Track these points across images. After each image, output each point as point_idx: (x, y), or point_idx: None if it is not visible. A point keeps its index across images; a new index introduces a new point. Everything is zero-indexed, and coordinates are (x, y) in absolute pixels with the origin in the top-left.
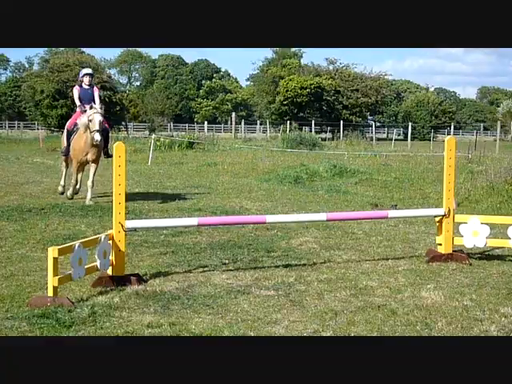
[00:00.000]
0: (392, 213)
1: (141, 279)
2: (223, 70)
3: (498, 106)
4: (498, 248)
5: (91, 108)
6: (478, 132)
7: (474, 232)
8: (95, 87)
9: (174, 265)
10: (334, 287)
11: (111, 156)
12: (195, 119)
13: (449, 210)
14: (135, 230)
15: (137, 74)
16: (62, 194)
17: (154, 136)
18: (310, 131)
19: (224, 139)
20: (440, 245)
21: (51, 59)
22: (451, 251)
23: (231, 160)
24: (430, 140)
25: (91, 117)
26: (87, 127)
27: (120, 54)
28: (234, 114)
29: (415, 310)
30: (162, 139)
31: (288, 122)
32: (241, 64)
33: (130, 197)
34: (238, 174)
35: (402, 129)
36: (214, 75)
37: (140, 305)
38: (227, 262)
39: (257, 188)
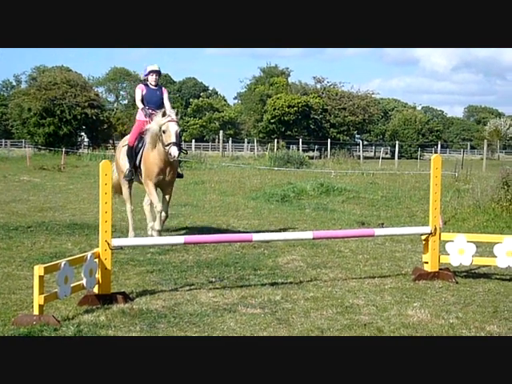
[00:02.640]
0: (378, 231)
1: (127, 297)
2: (211, 88)
3: (485, 125)
4: (484, 266)
5: (164, 115)
6: (464, 150)
7: (460, 250)
8: (164, 88)
9: (160, 283)
10: (320, 305)
11: (182, 176)
12: (183, 137)
13: (435, 228)
14: (122, 248)
15: (124, 92)
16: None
17: None
18: (298, 149)
19: (211, 157)
20: (426, 263)
21: (39, 77)
22: (437, 269)
23: (218, 178)
24: (417, 158)
25: (165, 126)
26: (158, 139)
27: (108, 71)
28: (221, 133)
29: (401, 328)
30: None
31: (275, 140)
32: (228, 82)
33: (117, 215)
34: (226, 193)
35: (389, 147)
36: (202, 94)
37: (126, 323)
38: (214, 280)
39: (244, 206)
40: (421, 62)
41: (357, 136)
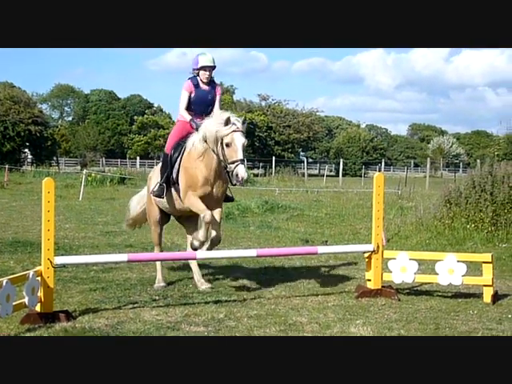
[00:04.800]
0: (322, 249)
1: (70, 316)
2: (156, 105)
3: (429, 143)
4: (426, 283)
5: (228, 123)
6: (408, 168)
7: (403, 268)
8: (218, 87)
9: (103, 301)
10: (263, 323)
11: (233, 199)
12: (127, 154)
13: (378, 246)
14: (64, 266)
15: (69, 109)
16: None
17: (85, 171)
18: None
19: None
20: (369, 280)
21: None
22: (380, 287)
23: None
24: (361, 176)
25: (229, 138)
26: (213, 151)
27: (52, 88)
28: None
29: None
30: (93, 174)
31: None
32: (174, 100)
33: (60, 233)
34: None
35: (333, 165)
36: (147, 110)
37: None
38: (157, 298)
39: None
40: (365, 80)
41: (301, 153)
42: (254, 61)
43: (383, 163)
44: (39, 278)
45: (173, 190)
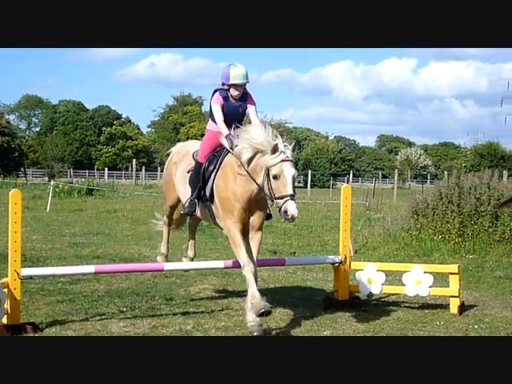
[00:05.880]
0: (290, 260)
1: (36, 328)
2: (124, 116)
3: (397, 154)
4: (394, 294)
5: (275, 150)
6: (376, 180)
7: (370, 279)
8: (250, 99)
9: (70, 313)
10: (231, 335)
11: (271, 216)
12: (95, 165)
13: (345, 257)
14: (31, 277)
15: (37, 120)
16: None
17: (53, 182)
18: None
19: (124, 186)
20: (337, 291)
21: None
22: (348, 298)
23: (131, 207)
24: (329, 187)
25: (277, 169)
26: (255, 178)
27: (20, 99)
28: (134, 161)
29: None
30: (61, 186)
31: None
32: (142, 111)
33: (27, 244)
34: (138, 221)
35: (301, 176)
36: (115, 121)
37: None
38: (125, 309)
39: (156, 235)
40: (334, 91)
41: None
42: None
43: (351, 174)
44: (6, 290)
45: (203, 205)
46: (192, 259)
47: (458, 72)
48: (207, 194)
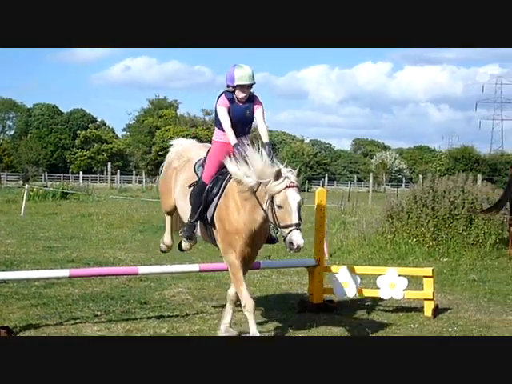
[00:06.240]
0: (265, 263)
1: (10, 332)
2: (99, 119)
3: (372, 158)
4: (368, 298)
5: (279, 176)
6: (351, 183)
7: (345, 282)
8: (257, 101)
9: (45, 317)
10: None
11: (275, 240)
12: (70, 169)
13: (320, 261)
14: (5, 281)
15: (11, 123)
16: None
17: (27, 186)
18: None
19: (99, 189)
20: (311, 295)
21: None
22: (322, 301)
23: (106, 210)
24: (304, 191)
25: (281, 198)
26: (257, 204)
27: None
28: (109, 164)
29: None
30: (35, 189)
31: None
32: (117, 114)
33: (1, 248)
34: (113, 225)
35: None
36: (90, 125)
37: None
38: (99, 313)
39: (131, 239)
40: (309, 95)
41: None
42: (198, 75)
43: (327, 178)
44: None
45: (204, 225)
46: (170, 248)
47: (432, 76)
48: (208, 218)
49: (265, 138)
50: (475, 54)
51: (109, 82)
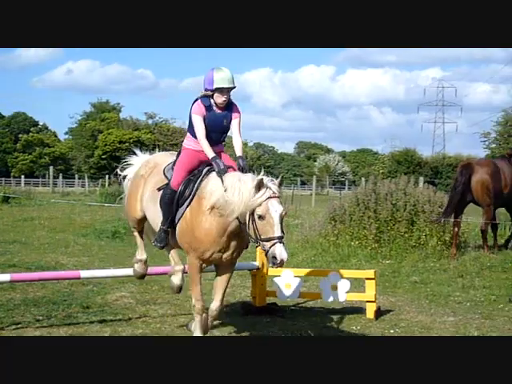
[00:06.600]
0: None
1: None
2: (41, 123)
3: (315, 161)
4: (311, 300)
5: (260, 187)
6: (295, 186)
7: (287, 285)
8: (235, 109)
9: None
10: None
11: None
12: (12, 173)
13: (263, 264)
14: None
15: None
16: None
17: None
18: None
19: (41, 193)
20: (254, 298)
21: None
22: (265, 304)
23: (48, 215)
24: None
25: (263, 209)
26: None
27: None
28: (51, 168)
29: None
30: None
31: (107, 176)
32: (59, 117)
33: None
34: (55, 229)
35: None
36: (32, 129)
37: None
38: (41, 318)
39: (74, 243)
40: (252, 98)
41: None
42: (141, 78)
43: None
44: None
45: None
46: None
47: (375, 79)
48: (176, 220)
49: (238, 152)
50: (417, 57)
51: (51, 86)
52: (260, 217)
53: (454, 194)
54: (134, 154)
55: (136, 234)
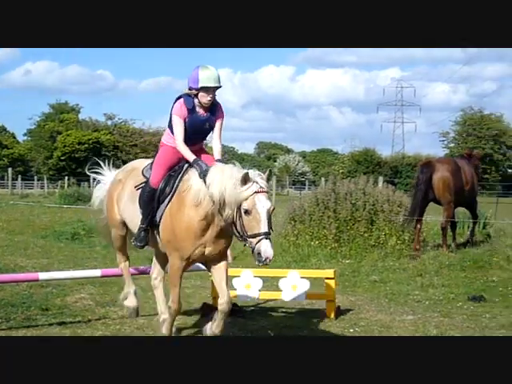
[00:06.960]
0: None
1: None
2: None
3: (275, 161)
4: (271, 300)
5: (246, 181)
6: None
7: (247, 285)
8: (220, 112)
9: None
10: None
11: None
12: None
13: None
14: None
15: None
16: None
17: None
18: (89, 187)
19: (0, 195)
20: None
21: None
22: None
23: (7, 217)
24: None
25: (249, 203)
26: (220, 213)
27: None
28: (10, 170)
29: None
30: None
31: (66, 177)
32: (17, 119)
33: None
34: (14, 231)
35: None
36: None
37: None
38: (0, 321)
39: (33, 245)
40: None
41: None
42: (100, 79)
43: None
44: None
45: (155, 231)
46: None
47: (335, 79)
48: (157, 218)
49: (217, 156)
50: (376, 57)
51: (8, 87)
52: (246, 212)
53: (417, 192)
54: (99, 165)
55: (123, 264)
